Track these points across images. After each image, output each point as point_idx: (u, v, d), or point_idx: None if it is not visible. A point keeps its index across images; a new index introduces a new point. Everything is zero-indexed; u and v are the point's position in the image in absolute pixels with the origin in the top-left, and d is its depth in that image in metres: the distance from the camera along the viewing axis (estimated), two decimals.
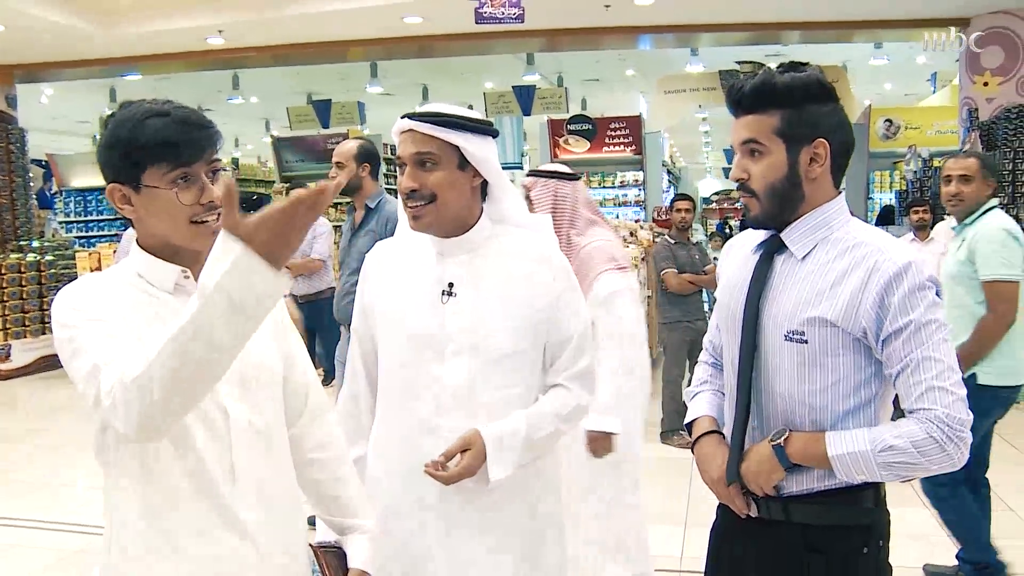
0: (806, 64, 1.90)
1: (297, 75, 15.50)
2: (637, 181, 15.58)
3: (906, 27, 10.85)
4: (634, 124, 15.50)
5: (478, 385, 2.11)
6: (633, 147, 15.47)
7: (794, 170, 1.87)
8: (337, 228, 8.88)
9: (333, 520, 1.94)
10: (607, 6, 9.72)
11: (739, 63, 13.21)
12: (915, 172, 10.77)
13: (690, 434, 2.12)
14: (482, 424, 2.08)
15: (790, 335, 1.85)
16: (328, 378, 6.97)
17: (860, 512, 1.90)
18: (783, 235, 1.92)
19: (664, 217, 12.77)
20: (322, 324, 6.98)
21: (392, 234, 4.54)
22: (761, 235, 2.00)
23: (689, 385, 2.26)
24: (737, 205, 32.22)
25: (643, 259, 8.76)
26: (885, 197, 13.48)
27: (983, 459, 4.19)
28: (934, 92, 15.93)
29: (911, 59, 15.14)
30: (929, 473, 1.78)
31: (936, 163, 11.18)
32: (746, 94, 1.88)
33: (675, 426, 6.88)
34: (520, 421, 2.11)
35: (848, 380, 1.84)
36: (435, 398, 2.10)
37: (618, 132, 15.49)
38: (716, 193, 33.72)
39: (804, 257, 1.88)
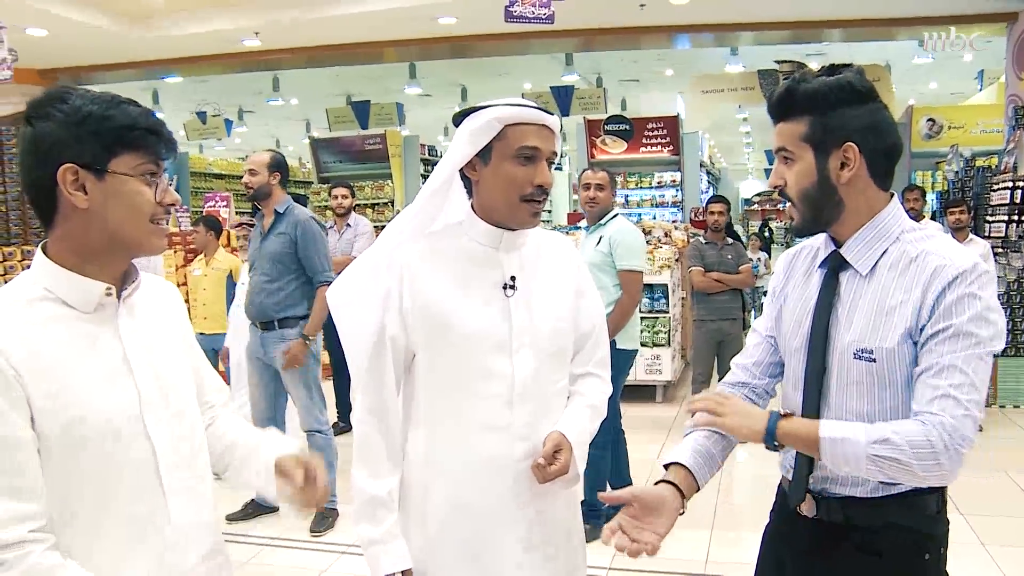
0: (848, 65, 1.87)
1: (336, 76, 15.58)
2: (674, 182, 15.48)
3: (950, 24, 10.64)
4: (671, 124, 15.40)
5: (541, 377, 2.13)
6: (670, 148, 15.37)
7: (824, 176, 1.84)
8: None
9: (260, 465, 1.91)
10: (642, 5, 9.66)
11: (778, 62, 13.06)
12: (956, 172, 10.57)
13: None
14: (552, 419, 2.14)
15: (860, 353, 1.82)
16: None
17: (923, 518, 1.86)
18: (843, 251, 1.90)
19: (700, 218, 12.71)
20: None
21: (302, 236, 4.84)
22: (819, 247, 1.98)
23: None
24: (779, 207, 32.05)
25: (677, 260, 8.69)
26: (928, 199, 13.23)
27: (618, 410, 5.35)
28: (980, 90, 15.64)
29: (957, 57, 14.86)
30: (916, 480, 1.71)
31: (979, 163, 10.97)
32: (773, 103, 1.90)
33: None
34: (585, 418, 2.18)
35: (909, 399, 1.79)
36: (505, 393, 2.08)
37: (655, 132, 15.39)
38: (758, 195, 33.58)
39: (868, 273, 1.86)
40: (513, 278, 2.13)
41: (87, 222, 1.56)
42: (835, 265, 1.91)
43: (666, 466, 1.98)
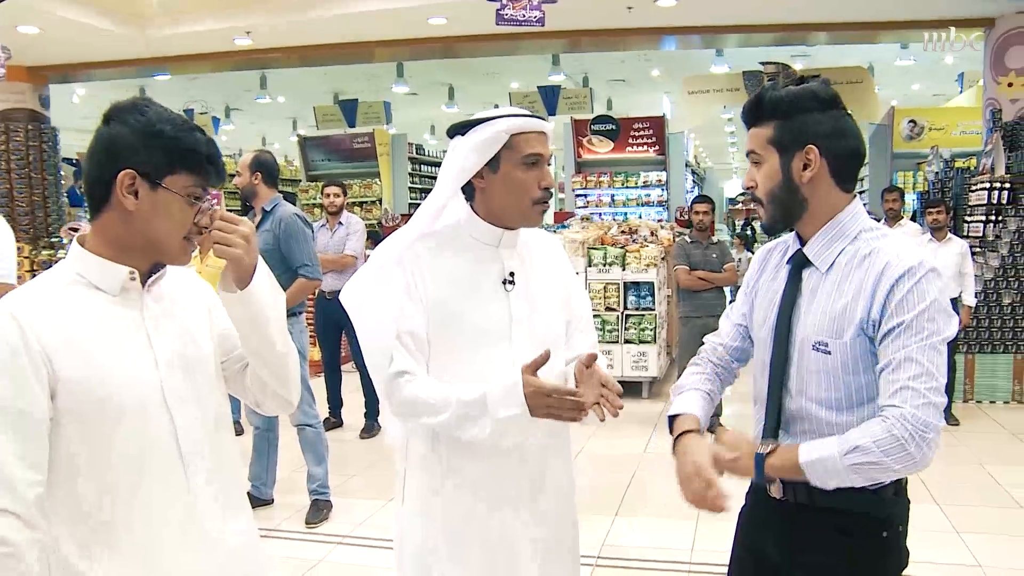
0: (815, 77, 2.03)
1: (324, 75, 15.66)
2: (660, 181, 15.63)
3: (932, 27, 10.80)
4: (657, 124, 15.56)
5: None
6: (656, 147, 15.53)
7: (788, 176, 1.99)
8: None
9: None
10: (629, 8, 9.79)
11: (763, 64, 13.22)
12: (936, 173, 10.77)
13: (670, 428, 2.16)
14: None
15: (817, 346, 1.96)
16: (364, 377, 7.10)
17: (881, 501, 1.98)
18: (806, 250, 2.04)
19: (685, 217, 12.86)
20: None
21: (284, 231, 4.99)
22: (790, 246, 2.12)
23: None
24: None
25: (663, 258, 8.84)
26: (908, 199, 13.42)
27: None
28: (960, 93, 15.86)
29: (938, 60, 15.06)
30: (895, 473, 1.85)
31: (958, 164, 11.17)
32: (744, 111, 2.06)
33: None
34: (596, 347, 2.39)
35: (871, 387, 1.93)
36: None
37: (641, 132, 15.55)
38: (742, 194, 33.68)
39: (827, 270, 2.00)
40: (512, 274, 2.28)
41: (129, 222, 1.71)
42: (799, 262, 2.06)
43: (672, 417, 2.15)
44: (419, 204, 2.44)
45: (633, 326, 8.46)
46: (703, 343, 2.39)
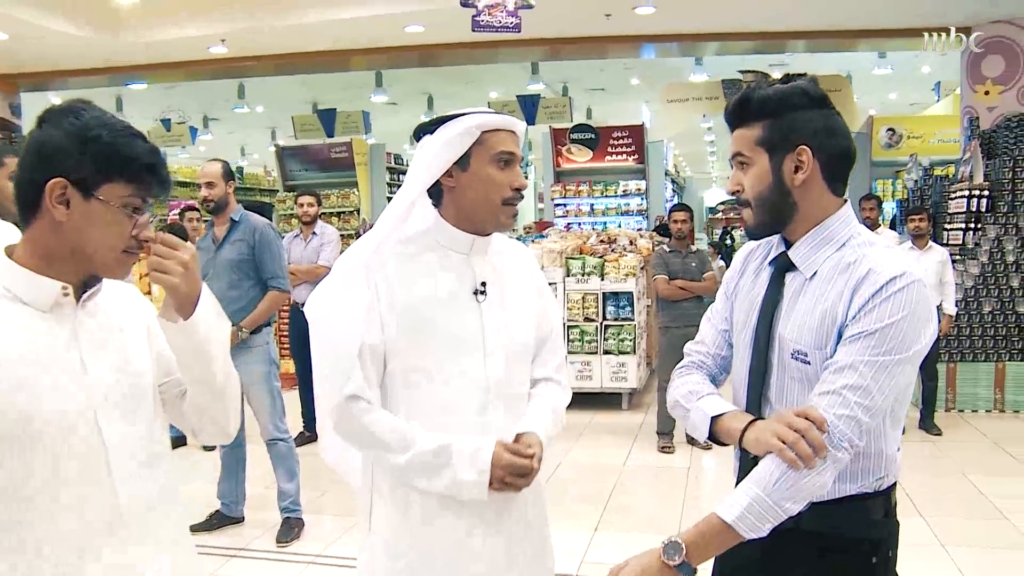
0: (802, 75, 1.92)
1: (303, 84, 15.55)
2: (639, 190, 15.59)
3: (909, 36, 10.84)
4: (637, 133, 15.52)
5: (511, 380, 2.18)
6: (635, 156, 15.49)
7: (779, 178, 1.88)
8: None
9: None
10: (608, 15, 9.75)
11: (742, 72, 13.21)
12: (915, 181, 10.77)
13: (711, 436, 1.98)
14: (523, 421, 2.17)
15: (796, 355, 1.87)
16: None
17: (869, 524, 1.90)
18: (791, 253, 1.94)
19: (662, 226, 12.81)
20: None
21: (260, 241, 4.89)
22: (774, 244, 2.02)
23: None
24: (742, 215, 32.20)
25: (642, 268, 8.77)
26: (887, 207, 13.45)
27: None
28: (938, 101, 15.92)
29: (916, 68, 15.14)
30: (824, 485, 1.74)
31: (937, 172, 11.18)
32: (729, 111, 1.95)
33: (665, 429, 7.02)
34: (549, 421, 2.22)
35: None
36: (480, 397, 2.12)
37: (620, 141, 15.51)
38: (722, 203, 33.82)
39: (812, 276, 1.90)
40: (484, 283, 2.17)
41: (60, 233, 1.59)
42: (782, 265, 1.96)
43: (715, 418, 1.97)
44: None
45: (612, 337, 8.37)
46: (684, 353, 2.25)
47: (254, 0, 9.59)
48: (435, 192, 2.17)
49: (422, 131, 2.17)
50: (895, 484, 1.93)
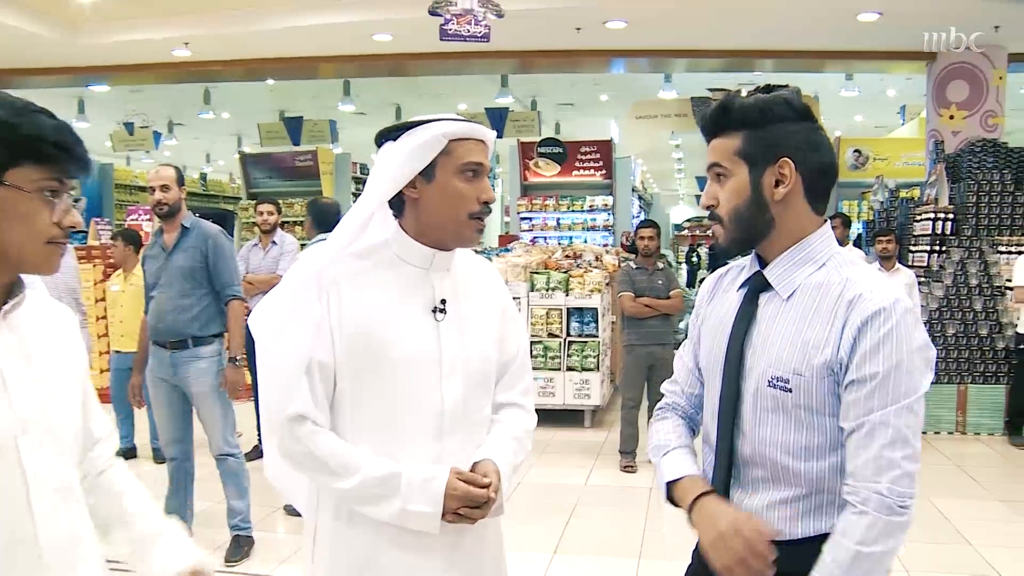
0: (784, 86, 1.80)
1: (270, 92, 15.41)
2: (606, 206, 15.55)
3: (876, 59, 10.99)
4: (605, 148, 15.50)
5: (470, 406, 2.04)
6: (603, 171, 15.47)
7: (758, 192, 1.77)
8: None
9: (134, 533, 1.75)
10: (578, 28, 9.71)
11: (711, 90, 13.24)
12: (881, 202, 10.83)
13: (669, 497, 1.92)
14: (481, 449, 2.03)
15: (773, 382, 1.74)
16: None
17: None
18: (767, 272, 1.82)
19: (630, 242, 12.77)
20: None
21: (214, 249, 4.75)
22: (744, 269, 1.91)
23: (645, 409, 2.14)
24: (709, 233, 32.44)
25: (607, 284, 8.69)
26: (854, 227, 13.49)
27: None
28: (903, 124, 16.05)
29: (881, 91, 15.28)
30: (894, 553, 1.68)
31: (903, 194, 11.24)
32: (708, 118, 1.83)
33: (628, 448, 6.94)
34: (510, 450, 2.07)
35: (833, 432, 1.72)
36: (435, 422, 1.98)
37: (588, 156, 15.48)
38: (688, 220, 33.97)
39: (789, 297, 1.78)
40: (444, 301, 2.04)
41: None
42: (756, 286, 1.83)
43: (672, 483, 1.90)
44: None
45: (576, 353, 8.28)
46: (649, 380, 2.17)
47: (218, 3, 9.42)
48: (396, 202, 2.03)
49: (384, 137, 2.03)
50: None
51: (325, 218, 5.68)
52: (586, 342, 8.31)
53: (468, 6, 6.82)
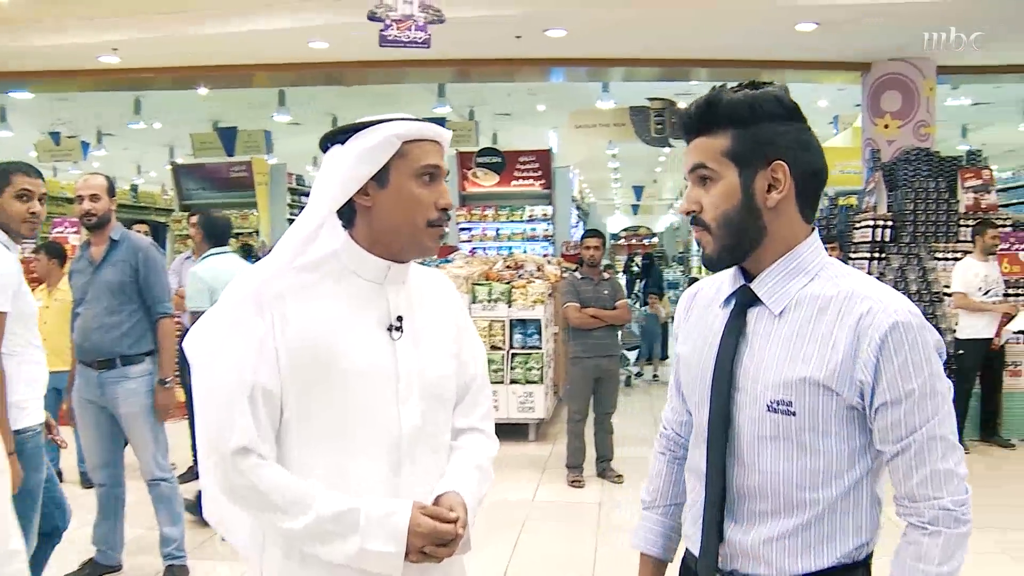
0: (768, 83, 1.66)
1: (203, 101, 15.06)
2: (546, 215, 15.53)
3: (812, 68, 11.08)
4: (544, 158, 15.47)
5: (428, 430, 1.87)
6: (542, 181, 15.43)
7: (749, 197, 1.62)
8: None
9: None
10: (518, 36, 9.62)
11: (650, 99, 13.27)
12: (821, 210, 10.93)
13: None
14: (444, 480, 1.87)
15: (774, 405, 1.60)
16: None
17: None
18: (754, 286, 1.67)
19: (573, 252, 12.71)
20: None
21: (145, 263, 4.54)
22: (726, 284, 1.76)
23: (592, 421, 2.02)
24: (645, 242, 32.60)
25: (550, 295, 8.59)
26: None
27: None
28: (836, 134, 16.26)
29: (813, 102, 15.44)
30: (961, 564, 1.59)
31: (841, 202, 11.36)
32: (692, 114, 1.67)
33: (575, 463, 6.86)
34: (474, 480, 1.92)
35: (842, 456, 1.60)
36: (391, 450, 1.80)
37: (527, 166, 15.44)
38: (625, 229, 34.17)
39: (781, 312, 1.64)
40: (400, 318, 1.88)
41: None
42: (743, 301, 1.68)
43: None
44: None
45: (519, 365, 8.17)
46: (595, 392, 2.04)
47: (147, 7, 9.08)
48: (346, 211, 1.86)
49: (331, 140, 1.87)
50: (872, 552, 1.69)
51: (216, 232, 5.65)
52: (529, 354, 8.20)
53: (408, 11, 6.67)
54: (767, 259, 1.66)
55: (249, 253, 11.19)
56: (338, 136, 1.85)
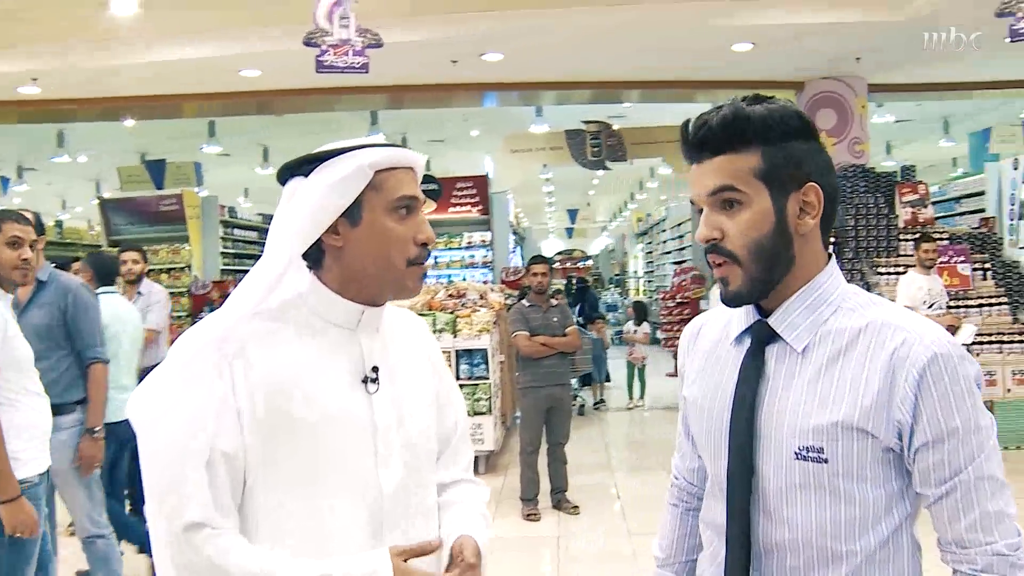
0: (771, 97, 1.51)
1: (130, 134, 14.68)
2: (484, 242, 15.41)
3: (747, 88, 11.12)
4: (481, 184, 15.38)
5: (412, 493, 1.69)
6: (480, 207, 15.32)
7: (782, 223, 1.46)
8: None
9: None
10: (454, 61, 9.52)
11: (585, 122, 13.27)
12: None
13: None
14: (454, 525, 1.75)
15: (803, 453, 1.44)
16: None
17: None
18: (772, 321, 1.51)
19: (512, 278, 12.60)
20: None
21: (74, 304, 4.27)
22: (736, 318, 1.60)
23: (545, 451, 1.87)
24: (580, 265, 32.61)
25: (495, 323, 8.44)
26: None
27: None
28: None
29: None
30: None
31: None
32: (714, 128, 1.46)
33: (530, 495, 6.71)
34: (482, 526, 1.78)
35: (879, 502, 1.45)
36: (372, 517, 1.61)
37: (465, 192, 15.33)
38: (559, 253, 34.24)
39: (804, 349, 1.48)
40: (375, 368, 1.67)
41: None
42: (761, 337, 1.53)
43: None
44: (233, 270, 1.77)
45: (467, 397, 7.98)
46: (548, 422, 1.88)
47: (68, 33, 8.74)
48: (312, 251, 1.64)
49: (291, 172, 1.67)
50: None
51: (105, 271, 5.49)
52: (477, 384, 8.03)
53: (345, 36, 6.49)
54: (787, 291, 1.51)
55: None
56: (300, 167, 1.65)
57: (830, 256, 1.56)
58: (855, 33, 8.77)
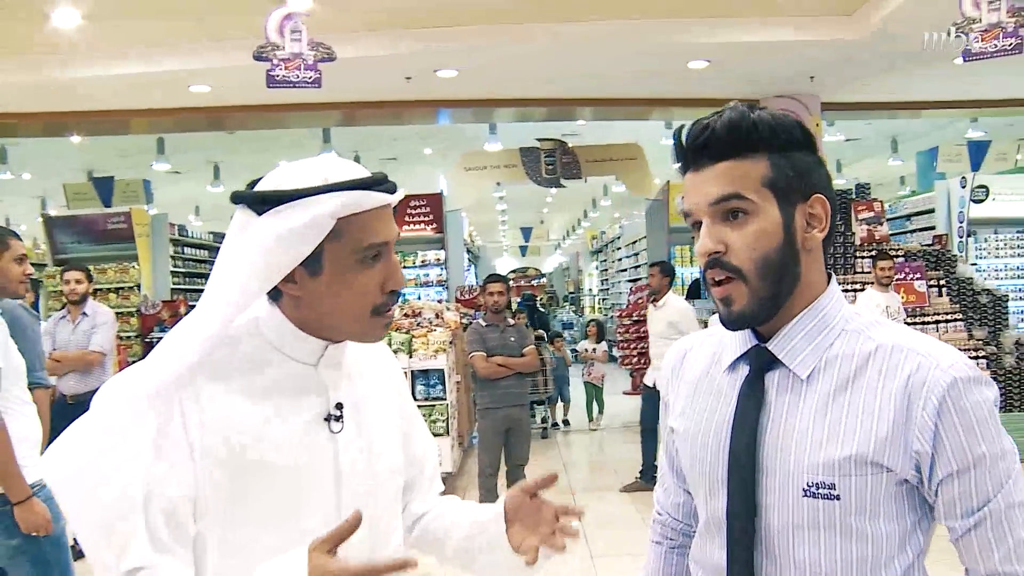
0: (763, 107, 1.41)
1: (77, 150, 14.40)
2: (439, 260, 15.29)
3: (702, 106, 11.15)
4: (435, 202, 15.26)
5: (378, 538, 1.57)
6: (434, 226, 15.21)
7: (790, 236, 1.37)
8: None
9: None
10: (408, 78, 9.42)
11: (539, 140, 13.25)
12: None
13: None
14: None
15: (811, 489, 1.34)
16: None
17: None
18: (773, 346, 1.41)
19: (467, 297, 12.49)
20: None
21: (14, 329, 3.93)
22: (729, 343, 1.50)
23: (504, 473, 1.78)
24: (534, 283, 32.58)
25: (451, 342, 8.32)
26: (687, 272, 13.68)
27: None
28: None
29: None
30: None
31: None
32: (719, 132, 1.37)
33: None
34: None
35: (892, 538, 1.36)
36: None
37: (418, 210, 15.21)
38: (513, 271, 34.25)
39: (809, 376, 1.38)
40: (339, 405, 1.53)
41: None
42: (760, 364, 1.42)
43: None
44: (183, 289, 1.62)
45: (424, 417, 7.83)
46: (507, 444, 1.79)
47: (12, 47, 8.51)
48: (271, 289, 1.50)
49: (244, 201, 1.47)
50: None
51: None
52: (433, 406, 7.91)
53: (297, 50, 6.36)
54: (788, 314, 1.41)
55: None
56: (253, 203, 1.45)
57: (831, 276, 1.47)
58: (810, 51, 8.83)
